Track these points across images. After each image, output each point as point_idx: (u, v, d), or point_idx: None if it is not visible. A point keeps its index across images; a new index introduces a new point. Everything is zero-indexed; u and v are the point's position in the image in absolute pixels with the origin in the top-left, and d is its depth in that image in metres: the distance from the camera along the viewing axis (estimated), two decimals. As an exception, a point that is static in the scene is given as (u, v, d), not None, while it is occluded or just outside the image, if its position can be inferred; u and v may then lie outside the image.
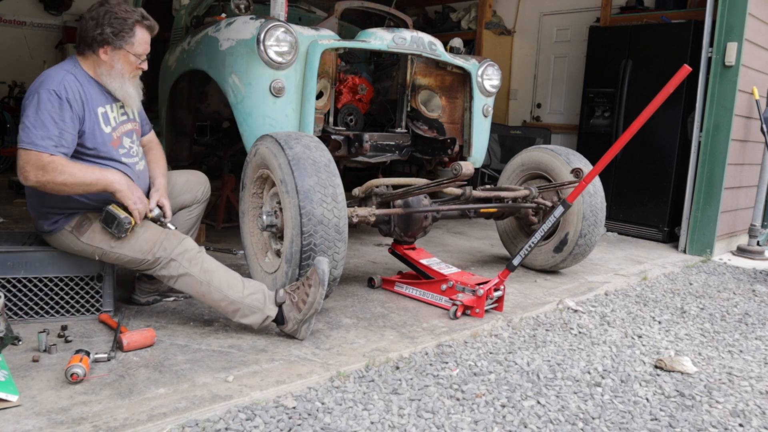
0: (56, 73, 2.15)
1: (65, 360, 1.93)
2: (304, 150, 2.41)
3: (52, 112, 2.07)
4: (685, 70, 2.21)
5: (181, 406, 1.74)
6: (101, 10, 2.19)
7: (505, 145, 5.97)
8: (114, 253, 2.24)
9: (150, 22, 2.27)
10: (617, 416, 1.92)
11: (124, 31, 2.19)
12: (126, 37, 2.20)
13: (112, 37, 2.18)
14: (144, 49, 2.26)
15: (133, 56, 2.24)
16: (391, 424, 1.78)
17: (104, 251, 2.24)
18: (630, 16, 5.36)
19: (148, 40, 2.28)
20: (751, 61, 4.30)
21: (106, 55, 2.21)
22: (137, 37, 2.23)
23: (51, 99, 2.08)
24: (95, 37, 2.18)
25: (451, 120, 3.64)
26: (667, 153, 4.69)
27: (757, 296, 3.44)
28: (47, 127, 2.05)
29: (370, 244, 4.10)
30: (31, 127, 2.05)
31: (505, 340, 2.50)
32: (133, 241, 2.23)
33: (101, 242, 2.23)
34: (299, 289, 2.25)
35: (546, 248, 3.45)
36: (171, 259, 2.21)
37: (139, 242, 2.23)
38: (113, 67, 2.22)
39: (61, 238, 2.27)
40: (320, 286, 2.19)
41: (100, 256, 2.27)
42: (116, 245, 2.23)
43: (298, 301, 2.24)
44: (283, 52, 2.86)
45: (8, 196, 5.06)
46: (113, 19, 2.17)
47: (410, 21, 3.77)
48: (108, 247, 2.23)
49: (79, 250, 2.27)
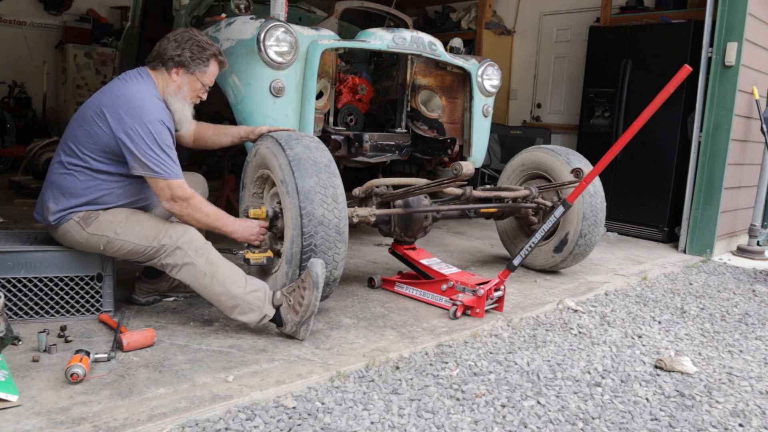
0: (152, 102, 2.25)
1: (65, 360, 1.93)
2: (304, 150, 2.41)
3: (168, 142, 2.23)
4: (685, 70, 2.21)
5: (181, 406, 1.74)
6: (185, 35, 2.35)
7: (505, 145, 5.97)
8: (119, 241, 2.25)
9: (224, 58, 2.44)
10: (617, 416, 1.92)
11: (201, 59, 2.34)
12: (201, 65, 2.35)
13: (189, 61, 2.32)
14: (210, 81, 2.42)
15: (200, 84, 2.38)
16: (391, 424, 1.78)
17: (109, 239, 2.25)
18: (630, 16, 5.36)
19: (216, 74, 2.44)
20: (751, 61, 4.30)
21: (177, 76, 2.34)
22: (210, 69, 2.39)
23: (164, 130, 2.22)
24: (173, 57, 2.32)
25: (451, 120, 3.64)
26: (667, 153, 4.69)
27: (757, 296, 3.44)
28: (172, 157, 2.23)
29: (370, 244, 4.10)
30: (162, 159, 2.19)
31: (505, 340, 2.50)
32: (138, 228, 2.25)
33: (106, 230, 2.24)
34: (295, 292, 2.27)
35: (546, 248, 3.45)
36: (177, 247, 2.23)
37: (144, 229, 2.25)
38: (181, 88, 2.35)
39: (67, 230, 2.26)
40: (314, 289, 2.21)
41: (104, 246, 2.26)
42: (122, 232, 2.24)
43: (294, 304, 2.26)
44: (283, 52, 2.86)
45: (8, 196, 5.06)
46: (194, 46, 2.33)
47: (410, 21, 3.77)
48: (113, 234, 2.24)
49: (84, 241, 2.26)
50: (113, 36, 7.90)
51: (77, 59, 7.84)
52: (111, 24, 8.49)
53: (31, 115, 7.73)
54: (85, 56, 7.88)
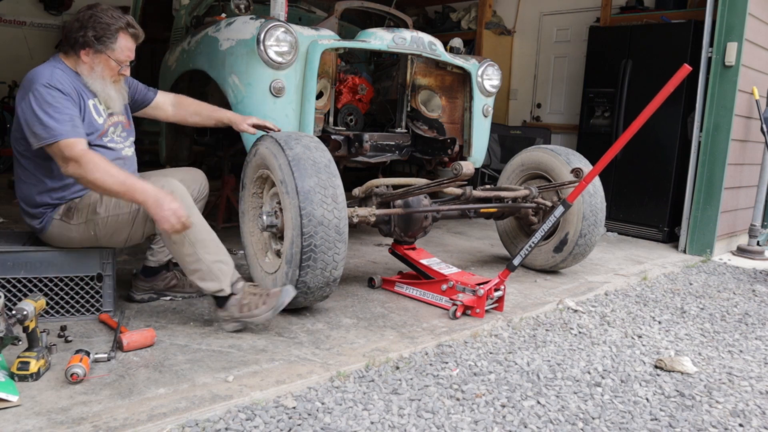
0: (44, 69, 2.17)
1: (65, 360, 1.93)
2: (304, 150, 2.41)
3: (55, 103, 2.09)
4: (685, 69, 2.21)
5: (181, 406, 1.74)
6: (87, 14, 2.23)
7: (505, 145, 5.97)
8: (105, 218, 2.24)
9: (135, 30, 2.30)
10: (617, 416, 1.92)
11: (106, 36, 2.22)
12: (108, 42, 2.23)
13: (93, 41, 2.21)
14: (126, 56, 2.29)
15: (114, 62, 2.27)
16: (391, 424, 1.78)
17: (95, 221, 2.24)
18: (630, 16, 5.36)
19: (131, 48, 2.31)
20: (751, 61, 4.30)
21: (87, 57, 2.24)
22: (119, 44, 2.25)
23: (50, 92, 2.10)
24: (77, 39, 2.21)
25: (451, 120, 3.64)
26: (667, 153, 4.69)
27: (757, 296, 3.44)
28: (56, 118, 2.07)
29: (370, 244, 4.10)
30: (44, 122, 2.06)
31: (505, 340, 2.50)
32: (115, 199, 2.22)
33: (90, 213, 2.24)
34: (255, 296, 2.30)
35: (546, 248, 3.45)
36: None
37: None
38: (93, 69, 2.26)
39: (53, 231, 2.27)
40: (271, 311, 2.25)
41: (95, 231, 2.26)
42: (102, 209, 2.23)
43: (246, 304, 2.29)
44: (283, 52, 2.86)
45: (8, 196, 5.06)
46: (97, 24, 2.21)
47: (410, 21, 3.77)
48: (104, 213, 2.23)
49: (75, 235, 2.27)
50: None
51: (77, 59, 7.83)
52: (111, 24, 8.48)
53: (31, 115, 7.72)
54: (85, 56, 7.88)
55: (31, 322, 1.88)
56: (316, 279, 2.37)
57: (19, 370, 1.83)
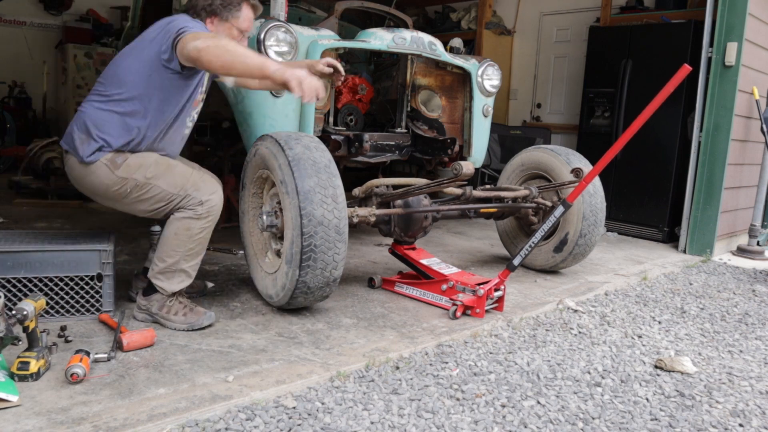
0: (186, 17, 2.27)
1: (65, 360, 1.93)
2: (304, 150, 2.41)
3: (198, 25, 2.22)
4: (685, 69, 2.21)
5: (181, 406, 1.74)
6: None
7: (505, 145, 5.98)
8: (148, 185, 2.24)
9: (256, 2, 2.42)
10: (617, 416, 1.92)
11: (232, 5, 2.35)
12: (233, 11, 2.35)
13: (220, 8, 2.33)
14: (247, 26, 2.40)
15: (237, 30, 2.37)
16: (391, 424, 1.78)
17: (138, 182, 2.24)
18: (630, 16, 5.36)
19: (252, 18, 2.42)
20: (751, 61, 4.30)
21: (212, 26, 2.34)
22: (243, 13, 2.37)
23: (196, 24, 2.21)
24: (205, 7, 2.33)
25: (451, 120, 3.64)
26: (667, 153, 4.70)
27: (757, 296, 3.44)
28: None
29: (370, 244, 4.10)
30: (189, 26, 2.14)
31: (505, 340, 2.50)
32: (169, 174, 2.26)
33: (137, 173, 2.24)
34: (181, 305, 2.35)
35: (546, 248, 3.45)
36: (200, 202, 2.26)
37: (175, 177, 2.27)
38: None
39: (96, 170, 2.23)
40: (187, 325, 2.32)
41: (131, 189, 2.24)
42: (152, 176, 2.25)
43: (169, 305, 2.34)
44: (283, 52, 2.86)
45: (8, 196, 5.06)
46: None
47: (410, 21, 3.78)
48: (143, 178, 2.24)
49: (111, 183, 2.23)
50: (113, 36, 7.90)
51: (77, 59, 7.83)
52: (111, 24, 8.48)
53: (31, 115, 7.72)
54: (85, 56, 7.88)
55: (31, 322, 1.88)
56: (316, 279, 2.37)
57: (19, 370, 1.83)
